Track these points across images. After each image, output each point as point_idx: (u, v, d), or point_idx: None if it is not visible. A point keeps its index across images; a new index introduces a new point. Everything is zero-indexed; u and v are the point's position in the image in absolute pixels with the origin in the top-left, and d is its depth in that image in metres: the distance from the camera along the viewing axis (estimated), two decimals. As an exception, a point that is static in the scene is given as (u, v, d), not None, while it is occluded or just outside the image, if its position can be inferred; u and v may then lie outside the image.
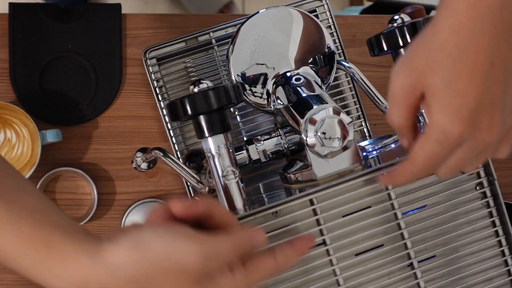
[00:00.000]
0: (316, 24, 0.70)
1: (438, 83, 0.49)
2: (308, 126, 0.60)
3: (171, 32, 0.88)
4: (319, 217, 0.59)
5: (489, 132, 0.49)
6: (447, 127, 0.49)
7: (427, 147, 0.50)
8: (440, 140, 0.50)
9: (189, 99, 0.57)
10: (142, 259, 0.46)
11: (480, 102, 0.49)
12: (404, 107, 0.51)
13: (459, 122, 0.49)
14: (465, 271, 0.62)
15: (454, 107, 0.49)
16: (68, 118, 0.86)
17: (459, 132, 0.49)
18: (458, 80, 0.48)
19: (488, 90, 0.49)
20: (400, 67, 0.51)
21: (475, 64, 0.48)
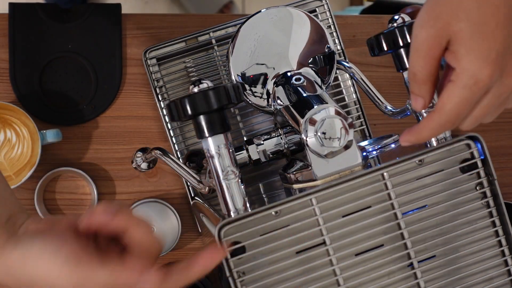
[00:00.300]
0: (316, 24, 0.70)
1: (465, 28, 0.48)
2: (308, 126, 0.60)
3: (171, 32, 0.88)
4: (319, 217, 0.59)
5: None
6: (477, 71, 0.48)
7: (456, 93, 0.49)
8: (469, 85, 0.49)
9: (189, 99, 0.57)
10: (23, 276, 0.49)
11: (506, 45, 0.49)
12: (429, 60, 0.50)
13: (489, 65, 0.48)
14: (465, 271, 0.62)
15: (482, 51, 0.48)
16: (68, 118, 0.86)
17: (489, 75, 0.48)
18: (484, 24, 0.48)
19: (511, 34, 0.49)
20: (423, 18, 0.50)
21: (500, 6, 0.48)
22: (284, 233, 0.58)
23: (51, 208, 0.87)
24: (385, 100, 0.69)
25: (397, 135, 0.70)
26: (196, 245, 0.88)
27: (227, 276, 0.57)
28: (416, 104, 0.54)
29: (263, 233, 0.58)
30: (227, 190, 0.58)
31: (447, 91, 0.50)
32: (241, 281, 0.57)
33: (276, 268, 0.58)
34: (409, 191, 0.61)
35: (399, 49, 0.63)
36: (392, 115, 0.68)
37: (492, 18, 0.48)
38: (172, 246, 0.84)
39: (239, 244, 0.57)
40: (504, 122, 0.96)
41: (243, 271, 0.58)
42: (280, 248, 0.58)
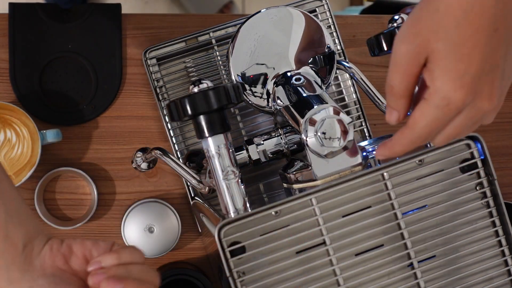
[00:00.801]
0: (316, 24, 0.70)
1: (442, 47, 0.48)
2: (308, 126, 0.60)
3: (171, 32, 0.88)
4: (319, 217, 0.59)
5: (489, 99, 0.49)
6: (450, 93, 0.49)
7: (428, 112, 0.50)
8: (441, 106, 0.49)
9: (189, 99, 0.57)
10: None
11: (482, 68, 0.48)
12: (406, 77, 0.51)
13: (462, 88, 0.48)
14: (465, 271, 0.62)
15: (457, 72, 0.48)
16: (68, 118, 0.86)
17: (461, 98, 0.49)
18: (462, 45, 0.48)
19: (490, 56, 0.49)
20: (403, 33, 0.50)
21: (479, 28, 0.48)
22: (284, 233, 0.58)
23: (51, 208, 0.87)
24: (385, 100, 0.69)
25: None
26: (196, 245, 0.88)
27: (227, 276, 0.57)
28: (391, 117, 0.54)
29: (263, 233, 0.58)
30: (227, 190, 0.58)
31: (420, 109, 0.50)
32: (241, 281, 0.57)
33: (276, 268, 0.58)
34: (409, 191, 0.61)
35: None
36: (392, 115, 0.68)
37: (470, 39, 0.48)
38: (172, 246, 0.84)
39: (239, 244, 0.57)
40: (504, 122, 0.96)
41: (243, 271, 0.58)
42: (280, 248, 0.58)
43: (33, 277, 0.51)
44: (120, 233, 0.84)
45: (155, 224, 0.84)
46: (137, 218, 0.84)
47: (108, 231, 0.87)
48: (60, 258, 0.52)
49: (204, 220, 0.73)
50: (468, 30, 0.48)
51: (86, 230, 0.87)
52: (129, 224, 0.84)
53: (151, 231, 0.84)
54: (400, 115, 0.53)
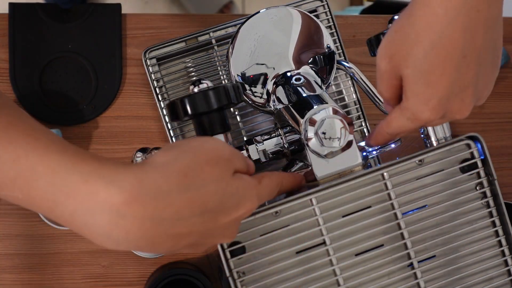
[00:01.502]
0: (316, 24, 0.70)
1: (411, 75, 0.52)
2: (308, 126, 0.60)
3: (171, 32, 0.88)
4: (319, 217, 0.59)
5: (460, 113, 0.55)
6: (418, 113, 0.54)
7: (400, 120, 0.56)
8: (411, 119, 0.55)
9: (189, 99, 0.57)
10: (182, 153, 0.48)
11: (450, 91, 0.52)
12: (390, 87, 0.56)
13: (429, 110, 0.53)
14: (465, 271, 0.62)
15: (424, 96, 0.53)
16: (68, 118, 0.86)
17: (428, 118, 0.54)
18: (429, 73, 0.51)
19: (459, 80, 0.52)
20: (381, 52, 0.55)
21: (447, 57, 0.51)
22: (284, 233, 0.58)
23: (51, 208, 0.87)
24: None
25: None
26: (196, 245, 0.88)
27: (227, 276, 0.57)
28: (387, 108, 0.60)
29: (263, 233, 0.58)
30: (227, 190, 0.58)
31: (395, 113, 0.56)
32: (241, 281, 0.58)
33: (276, 268, 0.58)
34: (409, 191, 0.61)
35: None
36: (392, 115, 0.68)
37: (438, 67, 0.51)
38: (172, 246, 0.84)
39: (239, 244, 0.57)
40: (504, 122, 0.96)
41: (243, 271, 0.58)
42: (280, 248, 0.58)
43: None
44: (120, 233, 0.84)
45: (155, 224, 0.84)
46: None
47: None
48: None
49: (204, 220, 0.73)
50: (436, 60, 0.51)
51: (86, 230, 0.86)
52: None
53: (151, 231, 0.84)
54: (394, 107, 0.59)
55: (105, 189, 0.44)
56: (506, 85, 0.97)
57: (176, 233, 0.47)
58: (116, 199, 0.44)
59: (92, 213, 0.44)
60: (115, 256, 0.87)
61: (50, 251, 0.86)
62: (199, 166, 0.48)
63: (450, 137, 0.63)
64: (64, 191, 0.44)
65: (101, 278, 0.87)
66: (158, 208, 0.45)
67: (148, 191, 0.45)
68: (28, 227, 0.86)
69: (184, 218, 0.47)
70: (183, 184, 0.47)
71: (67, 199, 0.44)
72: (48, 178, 0.44)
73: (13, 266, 0.85)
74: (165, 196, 0.46)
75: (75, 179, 0.45)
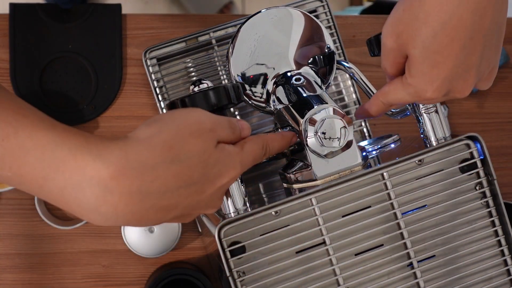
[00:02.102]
0: (316, 24, 0.70)
1: (418, 55, 0.53)
2: (308, 126, 0.60)
3: (171, 32, 0.88)
4: (319, 217, 0.59)
5: (461, 93, 0.55)
6: (421, 91, 0.55)
7: (399, 93, 0.57)
8: (413, 95, 0.56)
9: (189, 99, 0.57)
10: (166, 125, 0.49)
11: (455, 72, 0.53)
12: (394, 64, 0.57)
13: (433, 90, 0.54)
14: (465, 270, 0.62)
15: (430, 76, 0.53)
16: (68, 118, 0.86)
17: (430, 96, 0.55)
18: (437, 54, 0.52)
19: (463, 62, 0.53)
20: (388, 29, 0.55)
21: (455, 39, 0.51)
22: (284, 233, 0.59)
23: (51, 208, 0.87)
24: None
25: (397, 135, 0.70)
26: (196, 245, 0.88)
27: (227, 276, 0.57)
28: (359, 115, 0.63)
29: (263, 233, 0.58)
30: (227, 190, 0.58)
31: (395, 84, 0.57)
32: (241, 281, 0.58)
33: (276, 268, 0.58)
34: (408, 191, 0.61)
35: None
36: (392, 115, 0.68)
37: (445, 49, 0.52)
38: (172, 246, 0.84)
39: (239, 244, 0.58)
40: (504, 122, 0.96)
41: (243, 271, 0.58)
42: (280, 248, 0.58)
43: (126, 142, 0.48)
44: (120, 233, 0.84)
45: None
46: (137, 218, 0.84)
47: (108, 231, 0.87)
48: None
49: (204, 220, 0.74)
50: (444, 41, 0.51)
51: (86, 230, 0.87)
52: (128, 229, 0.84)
53: (151, 231, 0.84)
54: (365, 116, 0.62)
55: (93, 163, 0.45)
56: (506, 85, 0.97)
57: (163, 206, 0.48)
58: (103, 173, 0.45)
59: (80, 188, 0.45)
60: (115, 256, 0.87)
61: (50, 251, 0.86)
62: (183, 138, 0.49)
63: (449, 137, 0.63)
64: (53, 166, 0.45)
65: (101, 278, 0.87)
66: (145, 181, 0.46)
67: (134, 165, 0.46)
68: (28, 227, 0.86)
69: (171, 190, 0.48)
70: (168, 157, 0.48)
71: (56, 174, 0.45)
72: (37, 154, 0.45)
73: (13, 266, 0.85)
74: (151, 170, 0.47)
75: (63, 154, 0.45)
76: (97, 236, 0.87)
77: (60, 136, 0.46)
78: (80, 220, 0.85)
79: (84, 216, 0.47)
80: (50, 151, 0.45)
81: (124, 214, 0.46)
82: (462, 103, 0.96)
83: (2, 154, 0.45)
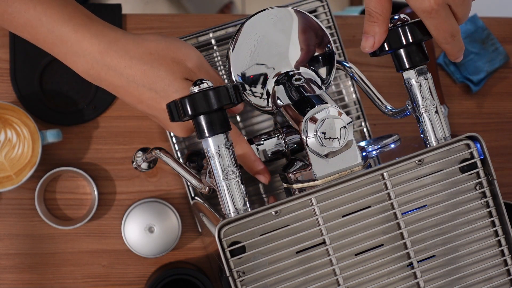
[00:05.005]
0: (316, 24, 0.70)
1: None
2: (308, 126, 0.60)
3: (171, 32, 0.88)
4: (319, 217, 0.59)
5: (463, 5, 0.58)
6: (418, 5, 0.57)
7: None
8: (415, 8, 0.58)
9: (190, 99, 0.57)
10: (165, 40, 0.63)
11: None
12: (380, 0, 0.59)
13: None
14: (465, 270, 0.62)
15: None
16: (68, 118, 0.86)
17: (430, 5, 0.56)
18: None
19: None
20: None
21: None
22: (284, 233, 0.59)
23: (51, 208, 0.87)
24: (385, 100, 0.69)
25: (397, 135, 0.70)
26: (196, 245, 0.88)
27: (227, 276, 0.57)
28: (366, 43, 0.60)
29: (263, 233, 0.58)
30: (227, 190, 0.58)
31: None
32: (241, 281, 0.58)
33: (276, 268, 0.58)
34: (408, 191, 0.61)
35: (398, 49, 0.63)
36: (392, 115, 0.68)
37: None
38: (172, 246, 0.84)
39: (239, 244, 0.58)
40: (504, 122, 0.96)
41: (243, 271, 0.58)
42: (280, 248, 0.58)
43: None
44: (120, 233, 0.84)
45: (155, 224, 0.84)
46: (137, 218, 0.84)
47: (108, 231, 0.87)
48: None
49: (204, 220, 0.74)
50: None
51: (86, 230, 0.87)
52: (129, 224, 0.84)
53: (151, 231, 0.84)
54: (376, 40, 0.60)
55: (89, 40, 0.61)
56: (506, 85, 0.97)
57: (130, 91, 0.62)
58: (95, 49, 0.61)
59: (77, 55, 0.61)
60: (116, 256, 0.87)
61: (50, 251, 0.86)
62: (166, 56, 0.62)
63: (449, 137, 0.63)
64: (59, 37, 0.61)
65: (101, 278, 0.87)
66: (120, 64, 0.61)
67: (118, 50, 0.61)
68: (28, 227, 0.86)
69: (135, 82, 0.62)
70: (144, 58, 0.61)
71: (61, 43, 0.61)
72: (49, 26, 0.60)
73: (13, 266, 0.85)
74: (128, 58, 0.61)
75: (68, 29, 0.61)
76: (97, 236, 0.87)
77: (69, 14, 0.61)
78: (80, 220, 0.85)
79: (80, 74, 0.63)
80: (59, 26, 0.60)
81: (104, 80, 0.62)
82: (462, 103, 0.96)
83: (24, 22, 0.60)
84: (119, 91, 0.63)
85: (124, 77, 0.61)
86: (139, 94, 0.62)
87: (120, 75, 0.61)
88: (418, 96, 0.62)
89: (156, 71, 0.61)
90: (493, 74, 0.97)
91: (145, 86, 0.61)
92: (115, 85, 0.62)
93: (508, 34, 0.98)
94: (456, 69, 0.96)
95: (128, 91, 0.62)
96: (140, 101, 0.63)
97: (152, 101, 0.62)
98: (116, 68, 0.61)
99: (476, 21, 0.97)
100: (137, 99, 0.63)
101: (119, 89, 0.62)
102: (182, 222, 0.85)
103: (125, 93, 0.62)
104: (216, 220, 0.61)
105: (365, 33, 0.61)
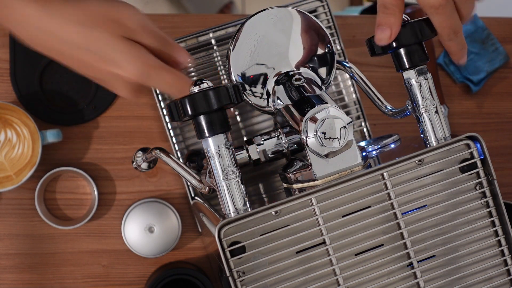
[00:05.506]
0: (316, 24, 0.70)
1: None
2: (308, 126, 0.60)
3: (171, 32, 0.88)
4: (319, 217, 0.59)
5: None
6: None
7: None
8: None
9: (190, 99, 0.57)
10: (106, 2, 0.60)
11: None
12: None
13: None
14: (465, 270, 0.62)
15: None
16: (68, 118, 0.86)
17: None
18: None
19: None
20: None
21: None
22: (284, 233, 0.59)
23: (51, 208, 0.87)
24: (385, 100, 0.69)
25: (397, 135, 0.70)
26: (196, 245, 0.88)
27: (227, 276, 0.57)
28: (382, 34, 0.60)
29: (263, 233, 0.58)
30: (227, 190, 0.58)
31: None
32: (241, 281, 0.58)
33: (276, 268, 0.58)
34: (408, 191, 0.61)
35: (398, 49, 0.63)
36: (392, 115, 0.68)
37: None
38: (172, 246, 0.85)
39: (239, 244, 0.58)
40: (504, 122, 0.96)
41: (243, 271, 0.58)
42: (280, 248, 0.59)
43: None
44: (120, 233, 0.84)
45: (155, 224, 0.84)
46: (137, 218, 0.84)
47: (108, 231, 0.87)
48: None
49: (204, 220, 0.74)
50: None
51: (86, 230, 0.87)
52: (129, 224, 0.84)
53: (151, 231, 0.84)
54: (392, 31, 0.60)
55: (27, 3, 0.59)
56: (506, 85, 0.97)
57: (71, 55, 0.60)
58: (33, 13, 0.59)
59: (18, 21, 0.59)
60: (115, 256, 0.87)
61: (50, 251, 0.86)
62: (103, 16, 0.60)
63: (449, 137, 0.63)
64: (3, 1, 0.59)
65: (101, 278, 0.87)
66: (56, 27, 0.59)
67: (54, 13, 0.59)
68: (28, 227, 0.86)
69: (74, 44, 0.59)
70: (80, 20, 0.59)
71: (4, 7, 0.59)
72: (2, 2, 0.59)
73: (13, 266, 0.85)
74: (63, 21, 0.59)
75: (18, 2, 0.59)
76: (97, 236, 0.87)
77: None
78: (80, 220, 0.85)
79: (27, 42, 0.61)
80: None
81: (50, 48, 0.60)
82: (462, 103, 0.96)
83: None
84: (63, 57, 0.61)
85: (63, 41, 0.60)
86: (78, 57, 0.61)
87: (59, 39, 0.60)
88: (418, 96, 0.62)
89: (90, 31, 0.60)
90: (493, 74, 0.97)
91: (81, 47, 0.60)
92: (58, 50, 0.61)
93: (508, 34, 0.98)
94: (456, 69, 0.96)
95: (70, 55, 0.61)
96: (82, 65, 0.61)
97: (92, 62, 0.61)
98: (54, 32, 0.60)
99: (476, 21, 0.97)
100: (79, 62, 0.61)
101: (62, 56, 0.61)
102: (182, 222, 0.85)
103: (68, 58, 0.61)
104: (216, 220, 0.61)
105: (379, 25, 0.60)
